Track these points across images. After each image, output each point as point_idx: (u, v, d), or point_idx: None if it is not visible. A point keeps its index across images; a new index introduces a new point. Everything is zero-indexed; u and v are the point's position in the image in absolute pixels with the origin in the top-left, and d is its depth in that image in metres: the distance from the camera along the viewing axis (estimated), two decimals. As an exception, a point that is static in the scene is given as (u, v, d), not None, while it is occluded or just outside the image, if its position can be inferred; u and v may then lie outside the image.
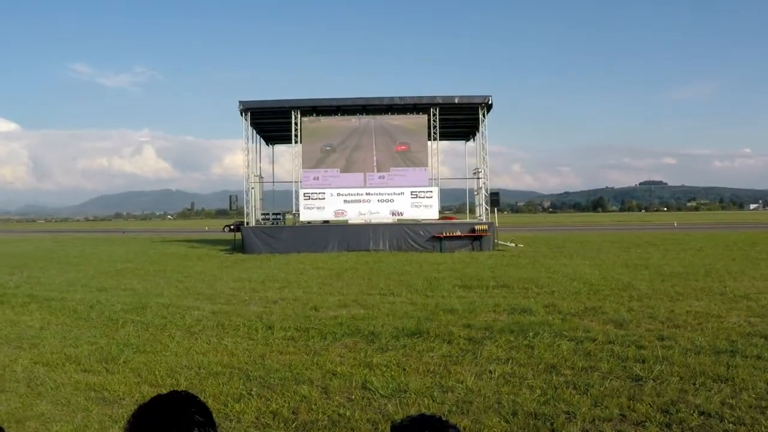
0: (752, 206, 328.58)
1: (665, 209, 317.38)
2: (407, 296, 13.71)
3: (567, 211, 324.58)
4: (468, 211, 38.73)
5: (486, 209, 32.58)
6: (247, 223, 31.89)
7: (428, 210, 31.41)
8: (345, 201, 31.34)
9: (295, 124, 32.14)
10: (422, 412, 2.09)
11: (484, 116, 32.56)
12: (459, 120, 35.54)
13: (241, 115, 32.38)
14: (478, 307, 11.81)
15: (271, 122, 34.89)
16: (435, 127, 32.30)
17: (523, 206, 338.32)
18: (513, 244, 32.86)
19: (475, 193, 35.60)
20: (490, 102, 31.93)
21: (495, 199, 32.66)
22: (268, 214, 33.57)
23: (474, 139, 37.83)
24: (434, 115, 32.27)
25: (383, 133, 32.27)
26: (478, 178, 34.08)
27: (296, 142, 32.48)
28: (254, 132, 35.40)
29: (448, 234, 29.72)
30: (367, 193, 31.49)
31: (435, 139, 32.80)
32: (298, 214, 31.96)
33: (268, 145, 40.43)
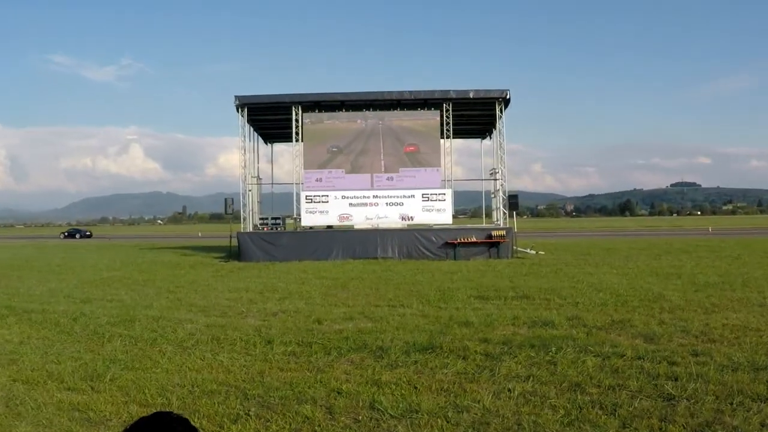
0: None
1: (699, 213, 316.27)
2: (418, 308, 13.71)
3: (592, 215, 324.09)
4: (484, 216, 38.89)
5: (504, 213, 32.62)
6: (244, 229, 32.01)
7: (441, 214, 31.47)
8: (350, 204, 31.46)
9: (296, 121, 32.31)
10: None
11: (501, 112, 32.59)
12: (474, 116, 35.67)
13: (237, 111, 32.56)
14: (496, 319, 11.80)
15: (270, 119, 35.17)
16: (448, 123, 32.34)
17: (545, 210, 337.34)
18: (533, 251, 32.87)
19: (492, 195, 35.80)
20: (507, 96, 32.00)
21: (513, 202, 32.57)
22: (266, 218, 33.70)
23: (490, 137, 38.13)
24: (447, 111, 32.41)
25: (391, 134, 32.48)
26: (495, 179, 34.14)
27: (297, 141, 32.57)
28: (251, 129, 35.66)
29: (462, 240, 29.84)
30: (374, 196, 31.61)
31: (448, 137, 32.83)
32: (299, 219, 32.12)
33: (266, 143, 40.67)
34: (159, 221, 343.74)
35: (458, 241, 29.77)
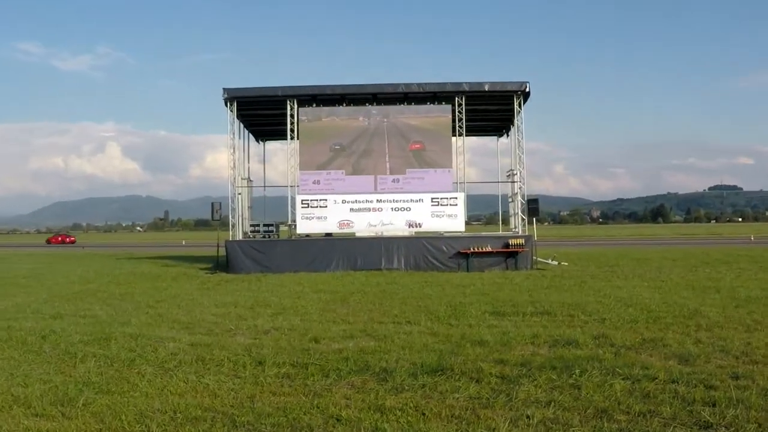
0: None
1: (740, 219, 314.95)
2: (427, 325, 13.73)
3: (621, 221, 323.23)
4: (501, 222, 38.75)
5: (523, 219, 32.64)
6: (234, 237, 32.05)
7: (452, 220, 31.43)
8: (351, 210, 31.50)
9: (291, 116, 32.36)
10: None
11: (519, 107, 32.63)
12: (490, 111, 35.76)
13: (226, 106, 32.58)
14: (513, 338, 11.84)
15: (262, 114, 35.29)
16: (461, 119, 32.36)
17: (568, 216, 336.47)
18: (555, 262, 32.96)
19: (510, 199, 35.70)
20: (527, 89, 32.07)
21: (534, 207, 32.57)
22: (258, 225, 33.63)
23: (508, 135, 38.22)
24: (460, 105, 32.41)
25: (397, 133, 32.67)
26: (513, 182, 34.15)
27: (292, 139, 32.70)
28: (242, 126, 35.69)
29: (476, 250, 29.96)
30: (378, 200, 31.63)
31: (461, 135, 32.97)
32: (295, 226, 32.01)
33: (258, 141, 40.75)
34: (138, 228, 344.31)
35: (471, 250, 29.89)
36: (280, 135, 36.15)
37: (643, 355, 10.29)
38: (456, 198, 31.70)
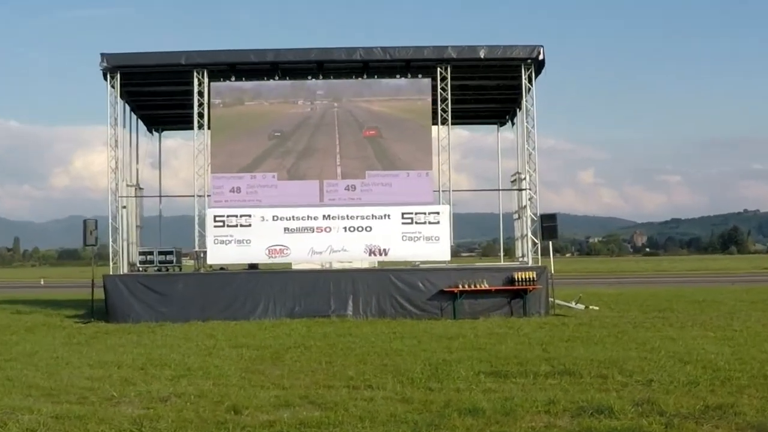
0: None
1: None
2: (395, 389, 13.91)
3: (676, 251, 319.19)
4: (502, 249, 38.77)
5: (534, 243, 32.52)
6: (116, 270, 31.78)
7: (432, 246, 31.21)
8: (287, 230, 31.18)
9: (200, 95, 32.24)
10: None
11: (530, 82, 32.60)
12: (487, 90, 36.17)
13: (106, 80, 32.32)
14: (520, 405, 11.97)
15: (158, 92, 35.36)
16: (445, 100, 32.30)
17: (601, 243, 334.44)
18: (581, 306, 32.87)
19: (515, 216, 35.94)
20: (540, 56, 31.92)
21: (550, 226, 32.04)
22: (151, 252, 33.28)
23: (513, 123, 38.55)
24: (444, 79, 32.28)
25: (353, 122, 32.77)
26: (520, 190, 34.28)
27: (201, 129, 32.55)
28: (128, 110, 35.48)
29: (468, 287, 29.76)
30: (325, 216, 31.22)
31: (444, 124, 33.00)
32: (204, 254, 31.76)
33: (152, 133, 40.31)
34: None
35: (461, 288, 29.65)
36: (183, 123, 36.25)
37: (706, 426, 10.52)
38: (438, 213, 31.48)
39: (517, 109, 35.60)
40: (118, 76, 32.25)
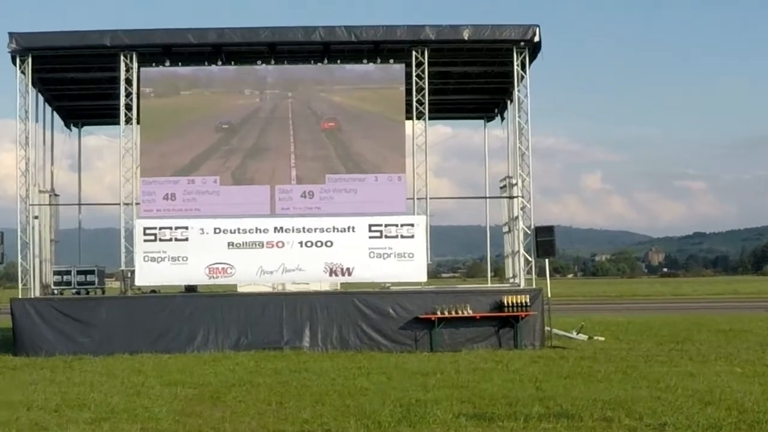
0: None
1: None
2: (359, 436, 13.75)
3: (699, 270, 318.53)
4: (489, 268, 39.57)
5: (527, 262, 31.59)
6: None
7: (406, 264, 30.18)
8: (231, 245, 30.13)
9: (128, 82, 31.08)
10: None
11: (523, 69, 31.65)
12: (472, 77, 35.51)
13: (14, 64, 31.31)
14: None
15: (78, 80, 34.63)
16: (421, 90, 31.17)
17: (610, 262, 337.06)
18: (583, 336, 32.52)
19: (505, 230, 35.49)
20: (535, 39, 30.99)
21: (546, 240, 31.01)
22: (68, 271, 32.69)
23: (502, 118, 38.10)
24: (420, 65, 31.16)
25: (310, 116, 32.10)
26: (511, 198, 33.23)
27: (129, 123, 31.43)
28: (41, 101, 34.65)
29: (448, 314, 28.79)
30: (277, 228, 30.17)
31: (420, 119, 31.78)
32: (132, 273, 30.67)
33: (69, 128, 39.45)
34: None
35: (439, 315, 28.56)
36: (108, 117, 35.16)
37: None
38: (412, 225, 30.47)
39: (508, 101, 35.03)
40: (30, 59, 31.25)
